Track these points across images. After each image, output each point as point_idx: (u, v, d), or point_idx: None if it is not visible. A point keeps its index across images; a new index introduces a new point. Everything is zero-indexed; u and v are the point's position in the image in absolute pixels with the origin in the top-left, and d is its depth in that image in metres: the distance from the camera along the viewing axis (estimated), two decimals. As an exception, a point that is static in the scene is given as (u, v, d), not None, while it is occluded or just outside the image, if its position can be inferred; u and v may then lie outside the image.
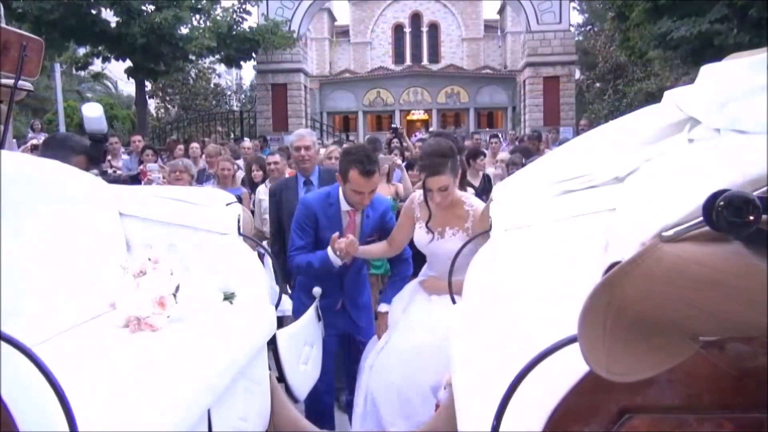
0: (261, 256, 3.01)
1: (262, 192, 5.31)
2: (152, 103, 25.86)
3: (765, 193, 0.86)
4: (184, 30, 15.81)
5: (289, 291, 3.48)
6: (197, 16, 16.41)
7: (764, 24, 11.18)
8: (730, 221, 0.81)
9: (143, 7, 14.88)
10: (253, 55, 18.39)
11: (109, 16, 15.31)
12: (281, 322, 2.89)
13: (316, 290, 2.75)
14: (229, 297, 2.10)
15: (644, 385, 0.97)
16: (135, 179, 5.88)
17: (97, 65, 18.21)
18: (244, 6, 17.06)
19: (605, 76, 25.14)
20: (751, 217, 0.81)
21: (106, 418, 1.21)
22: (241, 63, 19.01)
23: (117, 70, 19.80)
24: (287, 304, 3.32)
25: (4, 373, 1.04)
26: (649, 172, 1.45)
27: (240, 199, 2.80)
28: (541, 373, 1.03)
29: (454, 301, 2.26)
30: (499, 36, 38.45)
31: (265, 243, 4.42)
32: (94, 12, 14.84)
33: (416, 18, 39.88)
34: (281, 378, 2.32)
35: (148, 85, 20.43)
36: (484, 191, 6.11)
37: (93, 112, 2.73)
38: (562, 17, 19.20)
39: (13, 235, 1.59)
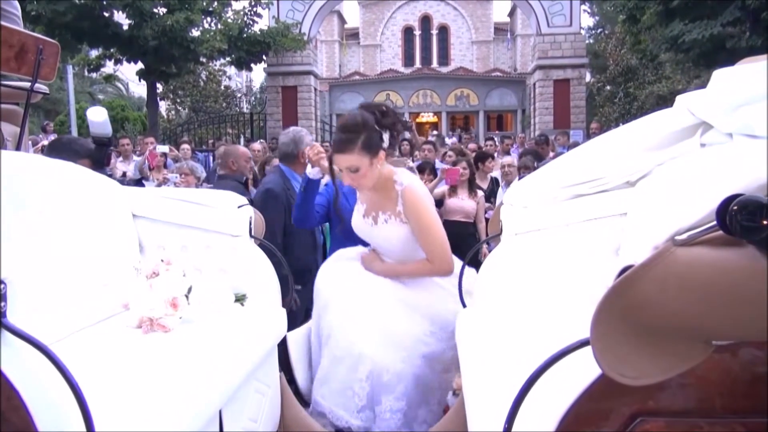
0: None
1: None
2: (163, 105, 26.05)
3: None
4: (195, 32, 15.95)
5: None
6: (208, 19, 16.55)
7: (776, 27, 11.10)
8: (744, 225, 0.82)
9: (155, 10, 15.02)
10: (264, 57, 18.49)
11: (121, 18, 15.48)
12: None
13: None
14: (240, 299, 2.11)
15: (656, 389, 0.97)
16: (139, 183, 5.92)
17: (109, 67, 18.40)
18: (254, 8, 17.16)
19: (616, 79, 25.01)
20: (765, 221, 0.81)
21: (120, 418, 1.22)
22: (252, 65, 19.12)
23: (129, 72, 20.00)
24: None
25: (23, 371, 1.06)
26: (661, 176, 1.45)
27: (251, 202, 2.82)
28: (553, 376, 1.03)
29: (464, 304, 2.26)
30: (509, 38, 38.38)
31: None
32: (106, 14, 15.02)
33: (426, 20, 39.91)
34: (291, 380, 2.34)
35: (160, 87, 20.58)
36: (492, 194, 6.12)
37: (98, 117, 2.75)
38: (572, 20, 19.12)
39: (28, 235, 1.61)
